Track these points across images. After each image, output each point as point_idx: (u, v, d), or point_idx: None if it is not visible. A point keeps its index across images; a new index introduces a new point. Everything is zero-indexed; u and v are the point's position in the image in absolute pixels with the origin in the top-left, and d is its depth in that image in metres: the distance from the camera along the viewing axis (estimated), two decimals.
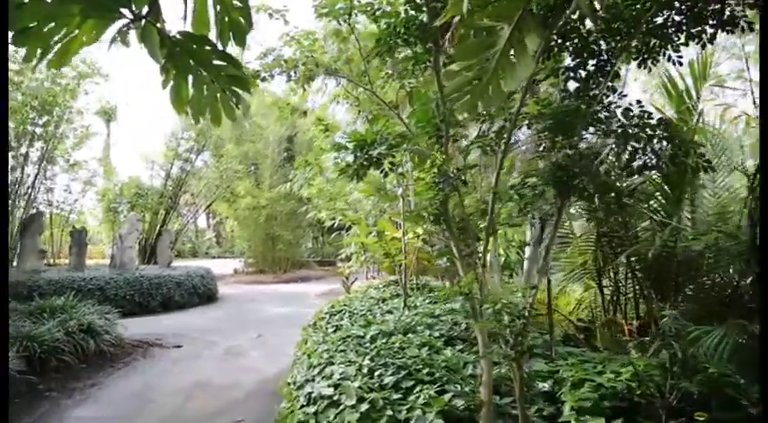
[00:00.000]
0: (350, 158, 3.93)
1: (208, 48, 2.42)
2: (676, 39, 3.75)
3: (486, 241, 3.65)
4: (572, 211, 5.93)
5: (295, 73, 5.20)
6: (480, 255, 3.48)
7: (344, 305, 6.94)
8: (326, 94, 8.70)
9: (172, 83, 2.44)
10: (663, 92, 6.05)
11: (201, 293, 12.92)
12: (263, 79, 5.19)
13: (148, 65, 2.41)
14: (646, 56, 3.90)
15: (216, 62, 2.43)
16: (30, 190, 13.99)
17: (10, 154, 13.10)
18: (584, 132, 3.74)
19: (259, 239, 21.14)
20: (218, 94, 2.48)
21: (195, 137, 19.32)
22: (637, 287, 5.91)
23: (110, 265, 12.28)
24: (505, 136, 3.67)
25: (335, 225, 16.39)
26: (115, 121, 27.99)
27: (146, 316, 10.58)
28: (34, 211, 13.02)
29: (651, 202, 5.76)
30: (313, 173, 13.69)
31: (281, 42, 5.39)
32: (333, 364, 4.17)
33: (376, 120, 3.79)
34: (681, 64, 3.89)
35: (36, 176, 14.13)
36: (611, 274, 6.20)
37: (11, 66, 12.39)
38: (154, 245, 17.36)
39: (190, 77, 2.44)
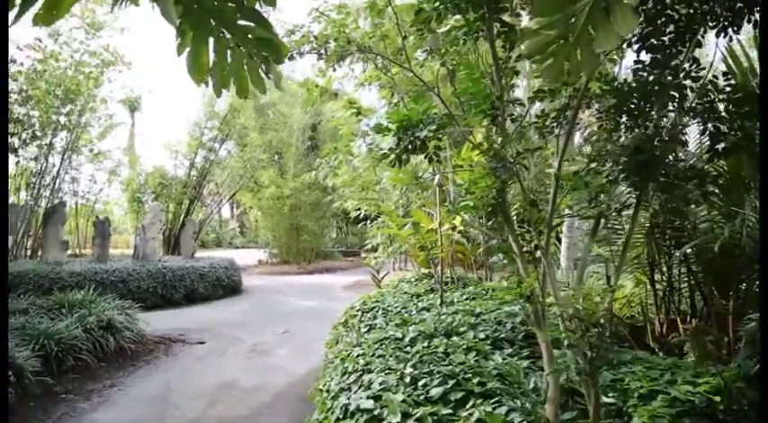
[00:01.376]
0: (388, 143, 3.50)
1: (232, 5, 2.01)
2: None
3: (547, 236, 3.18)
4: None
5: (326, 51, 4.76)
6: (543, 251, 3.02)
7: (377, 301, 6.54)
8: (352, 78, 8.27)
9: (189, 48, 2.03)
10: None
11: (225, 285, 12.64)
12: (291, 58, 4.78)
13: (172, 48, 2.00)
14: (726, 23, 3.36)
15: (241, 22, 2.01)
16: (54, 180, 13.85)
17: (35, 144, 12.96)
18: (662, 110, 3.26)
19: (283, 230, 20.87)
20: (245, 61, 2.06)
21: (219, 126, 19.04)
22: (693, 283, 5.43)
23: (133, 257, 12.06)
24: (569, 115, 3.20)
25: (361, 215, 16.08)
26: (139, 110, 28.11)
27: (169, 309, 10.32)
28: (58, 201, 12.85)
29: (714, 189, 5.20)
30: (339, 161, 13.33)
31: (311, 18, 4.95)
32: (371, 371, 3.75)
33: (419, 99, 3.34)
34: None
35: (60, 166, 13.98)
36: (665, 269, 5.70)
37: (34, 54, 12.20)
38: (177, 235, 17.16)
39: (210, 41, 2.03)
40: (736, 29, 3.40)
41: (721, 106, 3.18)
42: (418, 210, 7.00)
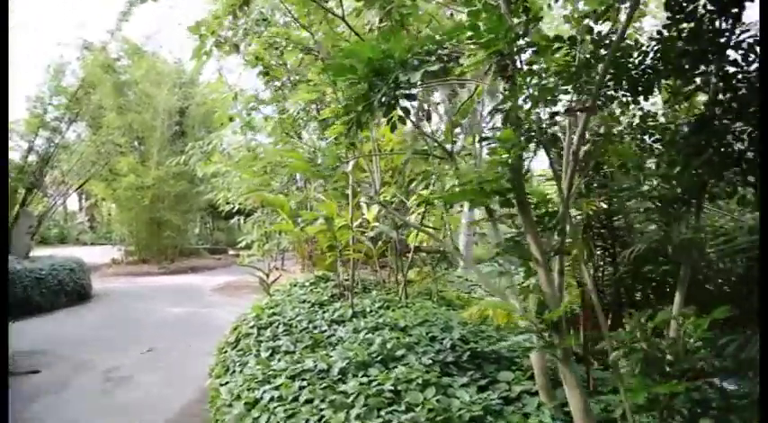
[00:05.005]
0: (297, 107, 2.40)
1: None
2: None
3: (562, 235, 2.30)
4: None
5: None
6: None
7: (274, 313, 5.32)
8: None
9: None
10: None
11: (71, 291, 10.41)
12: None
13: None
14: None
15: None
16: None
17: None
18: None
19: (142, 224, 18.43)
20: None
21: (67, 103, 16.26)
22: (621, 288, 4.96)
23: None
24: (600, 70, 2.34)
25: (234, 209, 14.50)
26: None
27: None
28: None
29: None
30: (213, 146, 11.76)
31: None
32: None
33: (396, 33, 2.27)
34: None
35: None
36: (592, 272, 5.18)
37: None
38: (8, 230, 14.32)
39: None
40: None
41: None
42: (329, 202, 5.89)
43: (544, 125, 2.17)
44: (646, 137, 2.97)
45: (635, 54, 2.73)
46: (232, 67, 17.10)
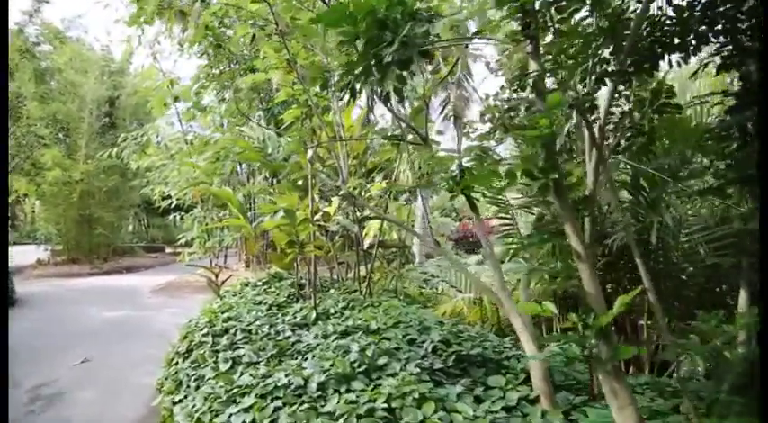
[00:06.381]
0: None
1: None
2: None
3: (591, 223, 1.96)
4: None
5: None
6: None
7: (229, 317, 4.81)
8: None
9: None
10: None
11: None
12: None
13: None
14: None
15: None
16: None
17: None
18: None
19: (71, 222, 17.16)
20: None
21: None
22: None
23: None
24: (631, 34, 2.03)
25: (173, 204, 13.68)
26: None
27: None
28: None
29: None
30: (148, 137, 11.00)
31: None
32: None
33: None
34: None
35: None
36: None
37: None
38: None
39: None
40: None
41: None
42: (289, 195, 5.38)
43: (586, 92, 1.82)
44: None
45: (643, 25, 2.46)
46: (166, 53, 16.15)
